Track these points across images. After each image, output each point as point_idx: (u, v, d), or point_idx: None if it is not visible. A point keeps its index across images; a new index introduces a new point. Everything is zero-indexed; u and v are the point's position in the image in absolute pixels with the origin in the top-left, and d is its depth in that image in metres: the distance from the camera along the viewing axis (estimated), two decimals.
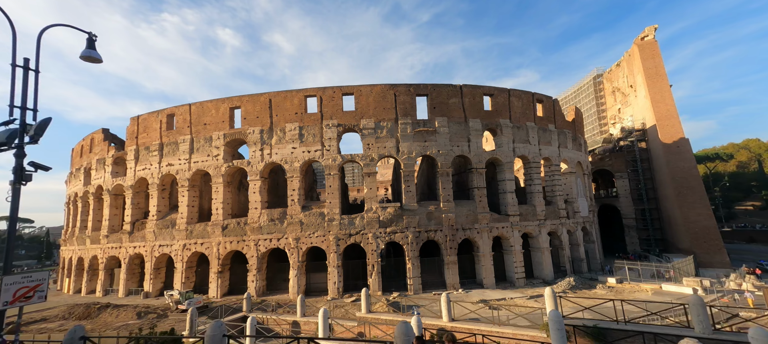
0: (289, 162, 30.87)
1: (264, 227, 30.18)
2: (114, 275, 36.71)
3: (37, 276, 8.28)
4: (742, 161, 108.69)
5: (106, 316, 25.55)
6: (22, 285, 7.91)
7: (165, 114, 35.06)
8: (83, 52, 8.39)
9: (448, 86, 32.52)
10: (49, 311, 29.99)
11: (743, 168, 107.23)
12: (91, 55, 8.44)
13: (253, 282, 29.62)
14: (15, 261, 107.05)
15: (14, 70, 7.57)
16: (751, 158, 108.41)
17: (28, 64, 7.72)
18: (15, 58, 7.61)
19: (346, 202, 39.74)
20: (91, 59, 8.26)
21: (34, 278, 8.21)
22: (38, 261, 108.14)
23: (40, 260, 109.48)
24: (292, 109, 31.64)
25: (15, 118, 7.56)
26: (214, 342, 8.00)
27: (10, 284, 7.66)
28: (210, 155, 32.56)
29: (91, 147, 42.26)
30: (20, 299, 7.84)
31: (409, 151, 30.68)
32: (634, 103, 57.46)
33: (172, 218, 33.15)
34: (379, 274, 28.81)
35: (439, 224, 30.03)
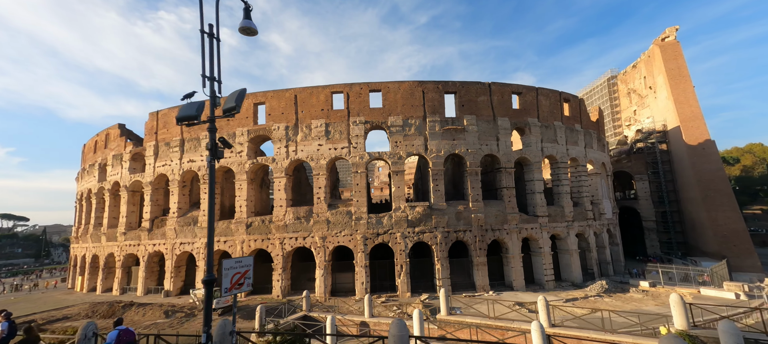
0: (315, 159, 30.62)
1: (290, 226, 29.91)
2: (131, 273, 36.43)
3: (245, 261, 8.12)
4: (746, 166, 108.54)
5: (132, 314, 25.26)
6: (236, 270, 7.76)
7: None
8: (242, 24, 8.12)
9: (477, 84, 32.28)
10: (69, 310, 29.69)
11: (748, 172, 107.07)
12: (248, 26, 8.15)
13: (278, 281, 29.35)
14: (12, 260, 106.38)
15: (203, 37, 7.38)
16: (755, 161, 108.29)
17: (212, 30, 7.51)
18: (202, 24, 7.41)
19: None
20: (248, 32, 8.01)
21: (243, 263, 8.04)
22: (36, 260, 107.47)
23: (38, 258, 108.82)
24: (318, 105, 31.39)
25: (194, 91, 7.34)
26: None
27: (228, 269, 7.59)
28: (233, 152, 32.31)
29: (106, 143, 42.03)
30: (235, 286, 7.71)
31: (437, 149, 30.43)
32: (654, 104, 57.18)
33: (194, 216, 32.89)
34: (408, 275, 28.54)
35: (468, 225, 29.75)
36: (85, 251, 41.43)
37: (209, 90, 7.52)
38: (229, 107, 7.40)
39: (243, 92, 7.42)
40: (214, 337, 7.85)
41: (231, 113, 7.43)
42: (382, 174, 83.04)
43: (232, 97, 7.42)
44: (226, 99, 7.62)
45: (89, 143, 46.89)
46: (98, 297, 34.82)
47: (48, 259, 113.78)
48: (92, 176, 42.83)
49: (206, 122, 7.39)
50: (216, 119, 7.56)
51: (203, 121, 7.46)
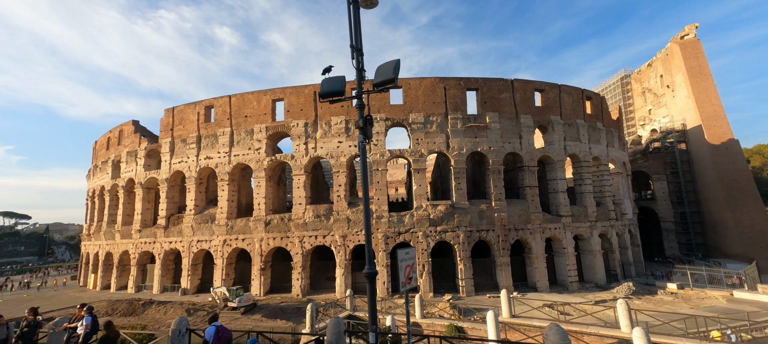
0: (334, 157, 30.34)
1: (309, 224, 29.65)
2: (147, 271, 36.33)
3: (411, 253, 7.60)
4: (755, 167, 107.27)
5: (152, 313, 25.10)
6: (407, 262, 7.32)
7: (203, 106, 34.67)
8: None
9: (499, 80, 31.87)
10: None
11: (757, 174, 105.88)
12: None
13: (298, 280, 29.09)
14: (15, 258, 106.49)
15: (349, 7, 6.96)
16: (765, 163, 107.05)
17: None
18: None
19: None
20: (369, 3, 7.36)
21: (410, 255, 7.58)
22: (40, 258, 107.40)
23: (41, 256, 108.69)
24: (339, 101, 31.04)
25: (331, 65, 7.06)
26: None
27: (402, 260, 7.16)
28: (251, 149, 32.11)
29: (119, 139, 41.98)
30: (408, 280, 7.25)
31: (459, 147, 30.06)
32: (672, 103, 56.44)
33: (211, 213, 32.71)
34: (430, 274, 28.20)
35: (491, 224, 29.36)
36: (98, 249, 41.41)
37: (356, 62, 7.05)
38: (385, 79, 6.56)
39: (398, 62, 6.63)
40: (328, 336, 7.51)
41: (384, 87, 6.70)
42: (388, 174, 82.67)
43: (387, 68, 6.61)
44: (379, 70, 6.85)
45: (101, 140, 46.90)
46: (114, 294, 34.74)
47: (52, 257, 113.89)
48: (105, 173, 42.80)
49: (356, 96, 6.90)
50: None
51: (347, 97, 7.15)
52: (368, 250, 6.73)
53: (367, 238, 6.75)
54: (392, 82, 6.53)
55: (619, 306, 15.31)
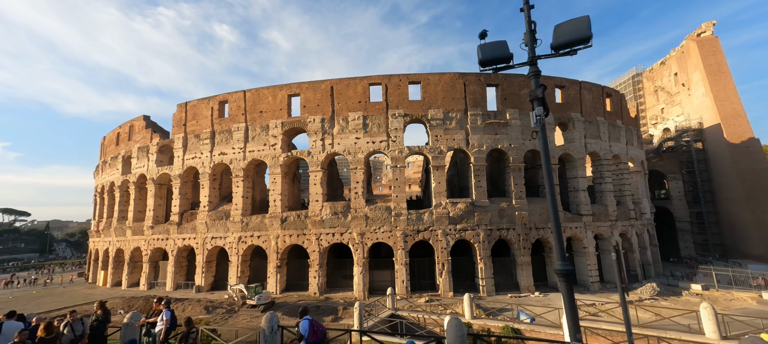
0: (352, 153, 30.02)
1: (326, 221, 29.37)
2: (159, 267, 36.15)
3: None
4: None
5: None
6: None
7: (217, 101, 34.38)
8: None
9: (520, 76, 31.46)
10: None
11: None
12: None
13: (315, 278, 28.82)
14: (16, 255, 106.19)
15: None
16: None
17: None
18: None
19: None
20: None
21: None
22: (41, 255, 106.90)
23: (43, 253, 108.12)
24: (356, 97, 30.77)
25: (486, 29, 6.70)
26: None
27: None
28: (267, 145, 31.82)
29: (130, 135, 41.77)
30: None
31: (479, 144, 29.69)
32: (687, 102, 55.84)
33: (225, 210, 32.47)
34: (449, 274, 27.88)
35: (512, 223, 29.01)
36: (108, 246, 41.27)
37: (527, 17, 6.42)
38: (572, 39, 5.59)
39: (588, 19, 5.68)
40: (448, 338, 7.14)
41: (571, 49, 5.82)
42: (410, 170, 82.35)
43: (572, 27, 5.66)
44: (559, 30, 5.99)
45: (110, 136, 46.71)
46: (126, 291, 34.58)
47: (53, 254, 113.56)
48: (115, 169, 42.62)
49: (500, 67, 6.38)
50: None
51: (514, 65, 6.73)
52: (558, 244, 6.15)
53: (556, 231, 6.21)
54: (585, 42, 5.62)
55: (703, 310, 14.82)
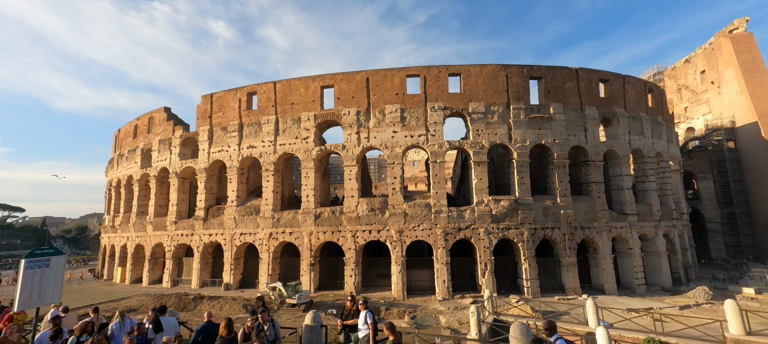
0: (389, 147, 29.08)
1: (363, 218, 28.46)
2: (182, 264, 35.31)
3: None
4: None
5: (206, 307, 24.00)
6: None
7: (245, 92, 33.45)
8: None
9: (564, 69, 30.48)
10: (127, 301, 28.60)
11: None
12: None
13: (351, 276, 27.95)
14: (13, 251, 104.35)
15: None
16: None
17: None
18: None
19: None
20: None
21: None
22: None
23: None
24: (393, 89, 29.83)
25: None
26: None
27: None
28: (298, 138, 30.90)
29: (149, 127, 40.88)
30: None
31: (522, 139, 28.75)
32: (716, 100, 54.81)
33: (255, 205, 31.59)
34: (493, 274, 26.97)
35: (556, 221, 28.09)
36: (126, 241, 40.43)
37: None
38: None
39: None
40: None
41: None
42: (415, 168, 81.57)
43: None
44: None
45: (126, 128, 45.84)
46: (150, 289, 33.74)
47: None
48: (133, 162, 41.73)
49: None
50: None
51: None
52: None
53: None
54: None
55: None
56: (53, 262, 9.90)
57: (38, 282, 9.44)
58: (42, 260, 9.61)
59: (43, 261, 9.62)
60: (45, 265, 9.65)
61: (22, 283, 9.15)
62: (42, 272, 9.55)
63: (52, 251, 10.05)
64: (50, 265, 9.81)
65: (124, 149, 45.32)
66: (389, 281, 29.38)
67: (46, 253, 9.82)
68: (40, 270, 9.52)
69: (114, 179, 47.04)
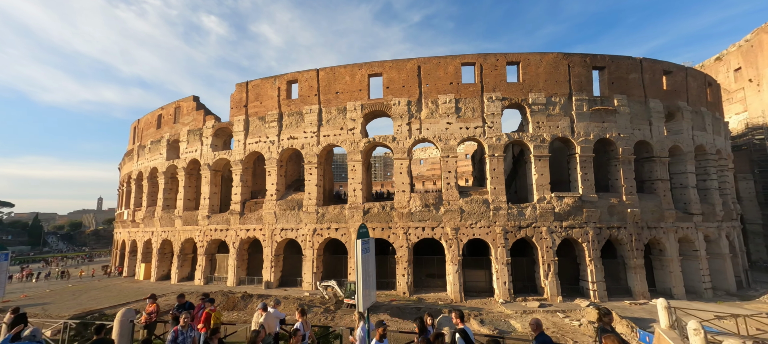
0: (443, 139, 27.63)
1: (415, 214, 27.02)
2: (215, 261, 33.84)
3: None
4: None
5: (254, 307, 22.56)
6: None
7: (284, 80, 31.94)
8: None
9: (627, 59, 29.03)
10: (164, 299, 27.12)
11: None
12: None
13: (403, 276, 26.53)
14: (7, 247, 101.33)
15: None
16: None
17: None
18: None
19: None
20: None
21: None
22: (32, 248, 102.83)
23: (35, 245, 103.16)
24: (446, 78, 28.35)
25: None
26: None
27: None
28: (344, 128, 29.42)
29: (176, 117, 39.35)
30: None
31: (585, 132, 27.30)
32: (755, 98, 53.35)
33: (297, 199, 30.12)
34: (556, 276, 25.56)
35: (622, 221, 26.67)
36: (150, 236, 38.95)
37: None
38: None
39: None
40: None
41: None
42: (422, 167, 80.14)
43: None
44: None
45: (148, 119, 44.30)
46: (181, 286, 32.27)
47: (46, 247, 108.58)
48: (158, 154, 40.18)
49: None
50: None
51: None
52: None
53: None
54: None
55: None
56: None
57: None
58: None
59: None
60: None
61: None
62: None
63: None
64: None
65: (145, 140, 43.77)
66: (441, 281, 28.04)
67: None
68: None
69: (134, 172, 45.48)
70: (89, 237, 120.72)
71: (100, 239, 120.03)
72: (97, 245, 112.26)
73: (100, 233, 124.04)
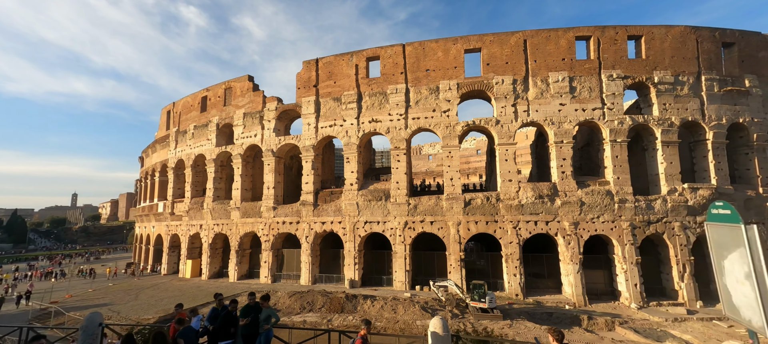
0: (555, 123, 25.02)
1: (526, 206, 24.43)
2: (282, 257, 31.25)
3: None
4: None
5: (367, 308, 20.01)
6: None
7: (363, 57, 29.26)
8: None
9: (757, 35, 26.44)
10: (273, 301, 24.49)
11: None
12: None
13: (515, 275, 23.96)
14: None
15: None
16: None
17: None
18: None
19: None
20: None
21: None
22: (15, 245, 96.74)
23: (20, 243, 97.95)
24: (557, 53, 25.71)
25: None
26: None
27: None
28: (437, 110, 26.79)
29: (226, 99, 36.63)
30: None
31: (717, 116, 24.73)
32: None
33: (382, 189, 27.52)
34: (693, 277, 23.02)
35: (760, 216, 24.11)
36: (197, 230, 36.32)
37: None
38: None
39: None
40: None
41: None
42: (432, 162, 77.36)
43: None
44: None
45: (188, 101, 41.54)
46: (249, 284, 29.66)
47: (32, 245, 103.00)
48: (204, 139, 37.42)
49: None
50: None
51: None
52: None
53: None
54: None
55: None
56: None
57: None
58: None
59: None
60: None
61: None
62: None
63: None
64: None
65: (185, 125, 41.03)
66: (551, 282, 25.58)
67: None
68: None
69: (171, 160, 42.65)
70: (78, 234, 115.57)
71: (90, 235, 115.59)
72: (87, 243, 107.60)
73: (89, 230, 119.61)
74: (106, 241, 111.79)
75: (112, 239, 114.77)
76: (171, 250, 40.82)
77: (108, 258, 68.75)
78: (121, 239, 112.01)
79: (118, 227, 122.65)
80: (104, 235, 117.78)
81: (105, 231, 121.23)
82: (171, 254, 40.83)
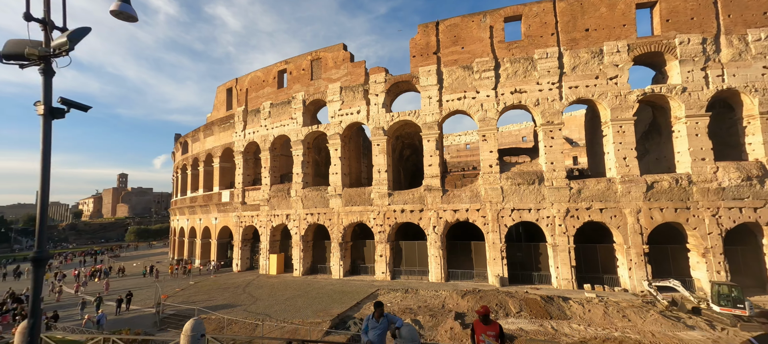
0: (760, 90, 21.17)
1: (728, 191, 20.79)
2: (399, 250, 28.09)
3: None
4: None
5: (579, 312, 16.70)
6: None
7: (499, 16, 25.53)
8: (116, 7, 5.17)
9: None
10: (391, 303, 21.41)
11: None
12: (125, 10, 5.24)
13: (718, 272, 20.41)
14: None
15: None
16: None
17: None
18: None
19: None
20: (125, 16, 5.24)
21: None
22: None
23: (5, 243, 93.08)
24: (758, 7, 21.74)
25: None
26: None
27: None
28: (600, 77, 23.09)
29: (312, 72, 33.22)
30: None
31: None
32: None
33: (531, 172, 24.01)
34: None
35: None
36: (282, 221, 33.27)
37: None
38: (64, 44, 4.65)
39: (84, 30, 4.95)
40: None
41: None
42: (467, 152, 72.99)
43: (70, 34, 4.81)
44: None
45: (257, 76, 38.23)
46: (358, 281, 26.57)
47: (18, 245, 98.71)
48: (287, 118, 34.06)
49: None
50: None
51: None
52: None
53: None
54: None
55: None
56: None
57: None
58: None
59: None
60: None
61: None
62: None
63: None
64: None
65: (256, 103, 37.76)
66: (747, 280, 21.93)
67: None
68: None
69: (237, 143, 39.39)
70: (66, 232, 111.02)
71: (81, 234, 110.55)
72: (79, 241, 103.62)
73: (79, 228, 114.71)
74: (99, 239, 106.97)
75: (106, 237, 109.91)
76: (244, 243, 38.00)
77: (128, 256, 63.89)
78: (117, 237, 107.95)
79: (112, 224, 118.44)
80: (97, 233, 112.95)
81: (97, 228, 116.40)
82: (244, 247, 38.03)
